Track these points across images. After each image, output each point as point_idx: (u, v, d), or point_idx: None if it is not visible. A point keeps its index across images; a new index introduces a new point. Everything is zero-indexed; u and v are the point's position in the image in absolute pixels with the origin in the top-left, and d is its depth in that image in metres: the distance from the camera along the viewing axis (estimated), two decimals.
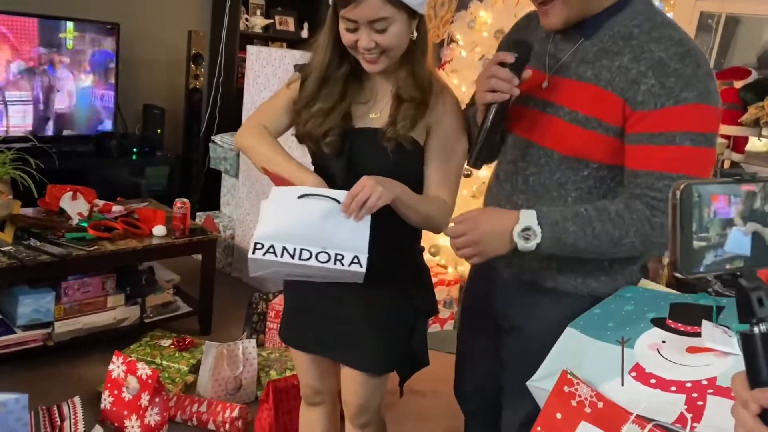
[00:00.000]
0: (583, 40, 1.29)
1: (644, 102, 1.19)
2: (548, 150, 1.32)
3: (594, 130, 1.25)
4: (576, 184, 1.31)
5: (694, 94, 1.17)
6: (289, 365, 2.70)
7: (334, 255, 1.31)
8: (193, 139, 4.50)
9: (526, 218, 1.23)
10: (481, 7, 3.32)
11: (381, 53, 1.36)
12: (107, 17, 3.93)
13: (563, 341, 1.22)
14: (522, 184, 1.38)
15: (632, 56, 1.22)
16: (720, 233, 0.68)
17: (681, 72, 1.17)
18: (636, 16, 1.25)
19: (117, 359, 2.32)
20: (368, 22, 1.32)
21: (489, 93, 1.28)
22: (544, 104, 1.32)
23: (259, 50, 3.57)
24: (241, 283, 3.73)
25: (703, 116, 1.19)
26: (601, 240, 1.23)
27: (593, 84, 1.25)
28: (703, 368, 1.08)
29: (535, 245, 1.23)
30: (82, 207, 2.81)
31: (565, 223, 1.23)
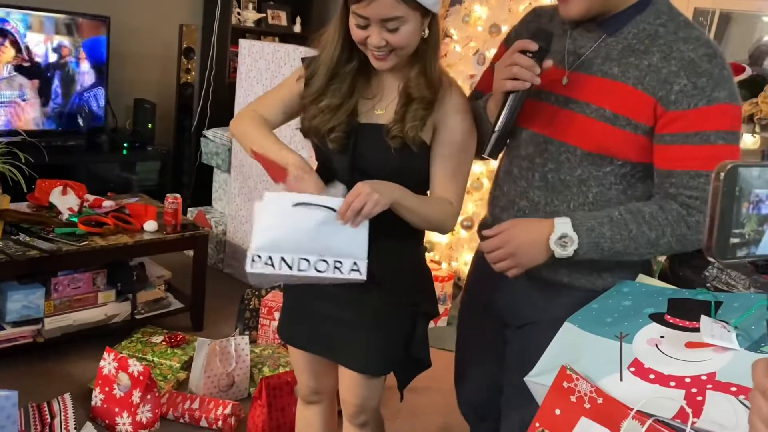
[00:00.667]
0: (606, 36, 1.29)
1: (678, 102, 1.21)
2: (570, 146, 1.32)
3: (623, 128, 1.25)
4: (598, 180, 1.31)
5: (724, 94, 1.20)
6: (282, 362, 2.68)
7: (332, 263, 1.30)
8: (185, 133, 4.47)
9: (562, 226, 1.25)
10: (475, 1, 3.30)
11: (390, 51, 1.34)
12: (98, 10, 3.88)
13: (561, 336, 1.21)
14: (539, 180, 1.36)
15: (662, 55, 1.22)
16: (756, 229, 0.66)
17: (711, 72, 1.19)
18: (660, 15, 1.26)
19: (108, 356, 2.30)
20: (380, 20, 1.29)
21: (510, 81, 1.26)
22: (566, 100, 1.31)
23: (251, 44, 3.54)
24: (233, 279, 3.70)
25: (732, 115, 1.22)
26: (638, 242, 1.25)
27: (621, 82, 1.25)
28: (702, 363, 1.08)
29: (573, 251, 1.25)
30: (72, 202, 2.78)
31: (601, 228, 1.25)
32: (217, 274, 3.71)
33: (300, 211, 1.28)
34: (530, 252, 1.28)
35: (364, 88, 1.44)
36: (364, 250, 1.29)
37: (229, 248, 3.80)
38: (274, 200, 1.29)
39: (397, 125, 1.38)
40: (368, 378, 1.55)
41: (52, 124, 3.76)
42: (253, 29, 4.74)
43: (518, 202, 1.40)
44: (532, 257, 1.28)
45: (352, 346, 1.53)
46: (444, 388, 2.63)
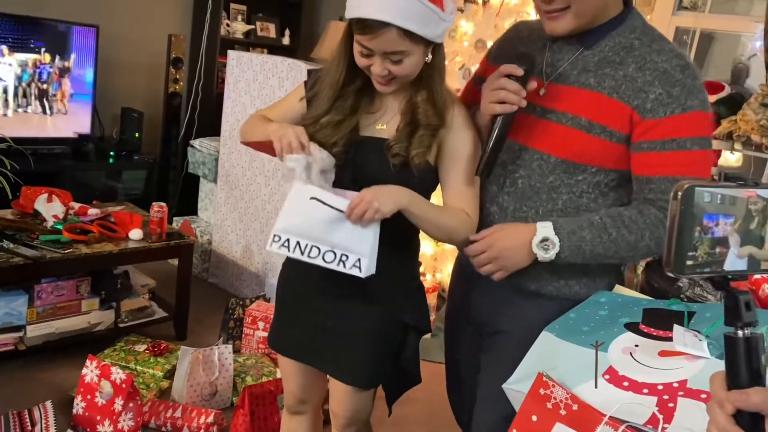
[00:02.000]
0: (583, 49, 1.34)
1: (654, 110, 1.25)
2: (544, 154, 1.36)
3: (598, 135, 1.30)
4: (569, 187, 1.35)
5: (697, 102, 1.26)
6: (265, 371, 2.68)
7: (339, 255, 1.36)
8: (172, 143, 4.47)
9: (543, 230, 1.30)
10: (462, 17, 3.35)
11: (392, 79, 1.36)
12: (87, 19, 3.90)
13: (539, 345, 1.24)
14: (509, 186, 1.40)
15: (636, 66, 1.28)
16: (709, 252, 0.69)
17: (684, 82, 1.25)
18: (634, 29, 1.33)
19: (90, 363, 2.29)
20: (384, 53, 1.31)
21: (498, 105, 1.31)
22: (543, 111, 1.35)
23: (240, 55, 3.56)
24: (218, 289, 3.70)
25: (705, 122, 1.28)
26: (618, 245, 1.29)
27: (597, 91, 1.30)
28: (674, 371, 1.11)
29: (555, 254, 1.29)
30: (57, 209, 2.77)
31: (581, 231, 1.29)
32: (201, 284, 3.70)
33: (317, 202, 1.35)
34: (513, 255, 1.32)
35: (367, 103, 1.46)
36: (367, 248, 1.34)
37: (214, 258, 3.80)
38: (301, 190, 1.37)
39: (399, 144, 1.40)
40: (358, 391, 1.56)
41: (38, 131, 3.74)
42: (242, 41, 4.77)
43: (488, 207, 1.44)
44: (515, 260, 1.32)
45: (343, 358, 1.54)
46: (429, 399, 2.64)
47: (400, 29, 1.27)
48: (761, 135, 2.86)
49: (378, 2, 1.26)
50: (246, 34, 4.78)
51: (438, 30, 1.33)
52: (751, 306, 0.70)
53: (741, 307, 0.69)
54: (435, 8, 1.29)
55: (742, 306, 0.69)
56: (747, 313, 0.69)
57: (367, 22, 1.27)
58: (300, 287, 1.59)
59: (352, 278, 1.37)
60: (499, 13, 3.13)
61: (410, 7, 1.26)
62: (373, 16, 1.26)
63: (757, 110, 2.85)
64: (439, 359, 3.06)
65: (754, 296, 1.69)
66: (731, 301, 0.70)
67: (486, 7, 3.18)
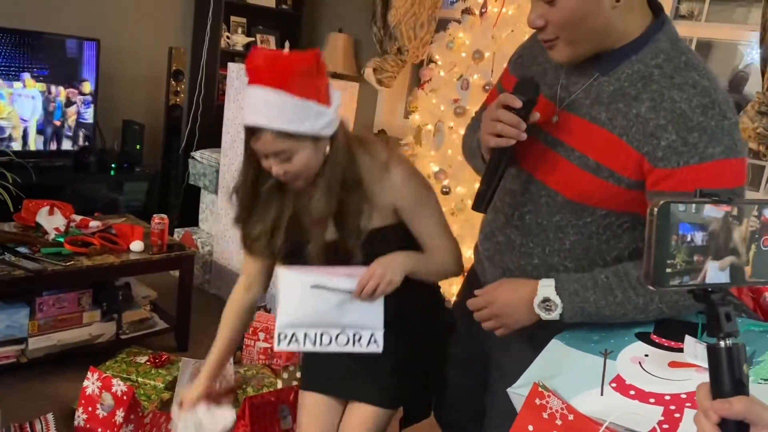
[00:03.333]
0: (599, 75, 1.19)
1: (665, 159, 1.10)
2: (552, 190, 1.25)
3: (606, 179, 1.17)
4: (576, 228, 1.24)
5: (720, 150, 1.07)
6: (265, 382, 2.69)
7: (352, 335, 1.38)
8: (173, 155, 4.49)
9: (545, 289, 1.20)
10: (459, 28, 3.37)
11: (293, 178, 1.37)
12: (88, 33, 3.92)
13: (548, 352, 1.24)
14: (518, 219, 1.31)
15: (651, 105, 1.12)
16: (687, 260, 0.70)
17: (705, 126, 1.07)
18: (658, 54, 1.14)
19: (92, 375, 2.30)
20: (272, 153, 1.33)
21: (494, 138, 1.20)
22: (554, 142, 1.23)
23: (240, 67, 3.58)
24: (219, 300, 3.69)
25: (731, 172, 1.09)
26: (625, 308, 1.18)
27: (607, 130, 1.16)
28: (683, 382, 1.09)
29: (558, 315, 1.20)
30: (58, 222, 2.79)
31: (585, 292, 1.19)
32: (202, 295, 3.71)
33: (318, 290, 1.36)
34: (514, 314, 1.24)
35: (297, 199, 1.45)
36: (380, 321, 1.38)
37: (215, 269, 3.81)
38: (295, 277, 1.38)
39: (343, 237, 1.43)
40: (381, 412, 1.58)
41: (39, 144, 3.77)
42: (243, 53, 4.79)
43: (497, 235, 1.36)
44: (517, 318, 1.24)
45: (372, 380, 1.57)
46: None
47: (273, 131, 1.29)
48: (758, 142, 2.87)
49: (252, 108, 1.30)
50: (246, 46, 4.80)
51: (318, 124, 1.31)
52: (731, 317, 0.71)
53: (721, 318, 0.71)
54: (311, 104, 1.29)
55: (722, 317, 0.71)
56: (727, 323, 0.71)
57: (247, 128, 1.32)
58: None
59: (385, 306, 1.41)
60: (496, 24, 3.15)
61: (282, 108, 1.27)
62: (249, 122, 1.31)
63: (754, 118, 2.86)
64: None
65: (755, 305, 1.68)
66: (712, 313, 0.72)
67: (483, 18, 3.20)
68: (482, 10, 3.25)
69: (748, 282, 0.74)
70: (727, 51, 3.69)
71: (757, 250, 0.73)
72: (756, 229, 0.73)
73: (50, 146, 3.81)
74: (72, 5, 4.04)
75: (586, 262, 1.25)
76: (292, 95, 1.27)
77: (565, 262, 1.26)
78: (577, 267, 1.25)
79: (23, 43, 3.58)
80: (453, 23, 3.45)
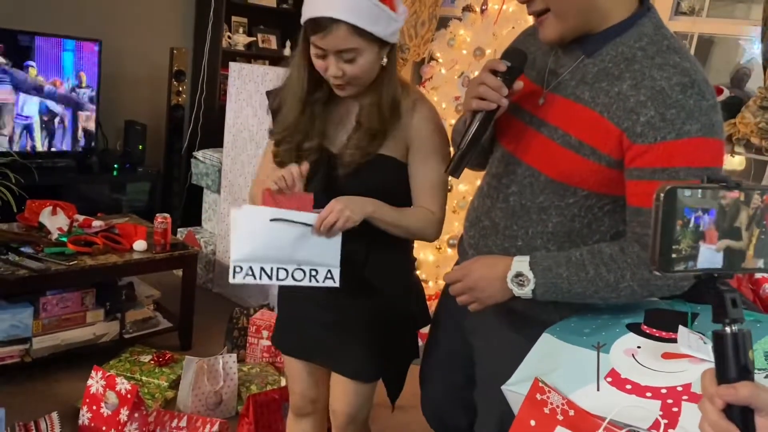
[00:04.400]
0: (584, 57, 1.22)
1: (644, 134, 1.12)
2: (535, 171, 1.26)
3: (587, 157, 1.18)
4: (559, 210, 1.26)
5: (696, 128, 1.09)
6: (269, 380, 2.69)
7: (308, 271, 1.37)
8: (175, 155, 4.50)
9: (518, 264, 1.22)
10: (460, 26, 3.38)
11: (349, 82, 1.38)
12: (90, 34, 3.93)
13: (539, 346, 1.24)
14: (502, 202, 1.32)
15: (632, 83, 1.14)
16: (691, 245, 0.71)
17: (683, 103, 1.09)
18: (641, 37, 1.17)
19: (96, 374, 2.31)
20: (336, 52, 1.33)
21: (475, 100, 1.22)
22: (539, 123, 1.26)
23: (242, 67, 3.59)
24: (222, 298, 3.71)
25: (707, 150, 1.11)
26: (597, 285, 1.19)
27: (589, 108, 1.18)
28: (678, 374, 1.10)
29: (531, 291, 1.22)
30: (61, 222, 2.80)
31: (558, 268, 1.20)
32: (206, 294, 3.72)
33: (277, 224, 1.33)
34: (488, 288, 1.26)
35: (332, 114, 1.49)
36: (337, 259, 1.37)
37: (218, 268, 3.81)
38: (252, 213, 1.35)
39: (348, 152, 1.44)
40: (359, 385, 1.59)
41: (42, 145, 3.78)
42: (244, 53, 4.80)
43: (483, 220, 1.37)
44: (490, 293, 1.26)
45: (345, 352, 1.58)
46: None
47: (349, 26, 1.29)
48: (761, 137, 2.87)
49: (327, 1, 1.29)
50: (247, 46, 4.81)
51: (389, 29, 1.35)
52: (737, 303, 0.71)
53: (727, 304, 0.71)
54: (384, 7, 1.32)
55: (728, 303, 0.71)
56: (733, 309, 0.71)
57: (317, 20, 1.30)
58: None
59: (349, 276, 1.42)
60: (497, 21, 3.15)
61: (359, 4, 1.29)
62: (323, 13, 1.29)
63: (756, 113, 2.86)
64: None
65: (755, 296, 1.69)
66: (718, 299, 0.72)
67: (484, 15, 3.20)
68: (483, 7, 3.25)
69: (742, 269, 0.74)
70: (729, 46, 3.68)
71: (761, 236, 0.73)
72: (761, 214, 0.73)
73: (53, 147, 3.82)
74: (73, 6, 4.05)
75: (568, 245, 1.26)
76: None
77: (548, 245, 1.27)
78: (559, 250, 1.26)
79: (25, 44, 3.58)
80: (454, 20, 3.46)
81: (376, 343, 1.57)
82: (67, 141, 3.88)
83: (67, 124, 3.85)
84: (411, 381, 1.68)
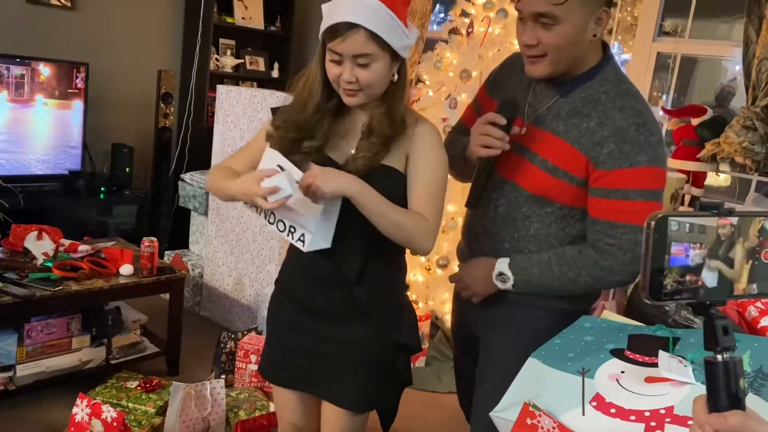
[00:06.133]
0: (559, 97, 1.48)
1: (605, 162, 1.40)
2: (519, 187, 1.53)
3: (560, 179, 1.46)
4: (539, 217, 1.53)
5: (645, 159, 1.38)
6: (258, 405, 2.66)
7: (288, 226, 1.44)
8: (162, 177, 4.49)
9: (500, 265, 1.53)
10: (447, 48, 3.41)
11: (360, 89, 1.42)
12: (77, 57, 3.94)
13: (525, 371, 1.24)
14: (493, 211, 1.58)
15: (598, 121, 1.42)
16: (678, 279, 0.71)
17: (636, 140, 1.38)
18: (605, 83, 1.45)
19: (81, 402, 2.27)
20: (352, 56, 1.38)
21: (483, 149, 1.48)
22: (521, 149, 1.51)
23: (229, 89, 3.60)
24: (210, 322, 3.68)
25: (652, 177, 1.40)
26: (561, 280, 1.48)
27: (563, 139, 1.45)
28: (660, 397, 1.11)
29: (511, 286, 1.52)
30: (47, 247, 2.77)
31: (531, 268, 1.50)
32: (193, 317, 3.69)
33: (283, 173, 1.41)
34: (480, 284, 1.57)
35: (338, 125, 1.52)
36: (312, 225, 1.40)
37: (205, 291, 3.79)
38: (271, 155, 1.44)
39: (353, 161, 1.46)
40: (351, 415, 1.57)
41: (28, 168, 3.76)
42: (232, 74, 4.82)
43: (476, 228, 1.64)
44: (483, 287, 1.57)
45: (338, 382, 1.56)
46: (425, 428, 2.62)
47: (367, 31, 1.36)
48: (744, 156, 2.90)
49: (348, 7, 1.37)
50: (235, 68, 4.83)
51: (401, 43, 1.42)
52: (729, 331, 0.71)
53: (719, 332, 0.71)
54: (399, 22, 1.40)
55: (719, 331, 0.71)
56: (725, 337, 0.71)
57: (337, 26, 1.37)
58: (288, 311, 1.61)
59: (340, 298, 1.48)
60: (482, 44, 3.18)
61: (377, 14, 1.36)
62: (343, 19, 1.36)
63: (739, 132, 2.90)
64: (434, 388, 3.06)
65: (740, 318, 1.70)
66: (709, 327, 0.72)
67: (470, 37, 3.23)
68: (469, 30, 3.28)
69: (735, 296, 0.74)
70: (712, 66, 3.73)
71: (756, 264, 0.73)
72: (755, 244, 0.73)
73: (39, 170, 3.79)
74: (61, 29, 4.05)
75: (546, 246, 1.53)
76: (388, 9, 1.38)
77: (530, 246, 1.54)
78: (539, 251, 1.53)
79: (12, 68, 3.58)
80: (440, 43, 3.49)
81: (369, 373, 1.55)
82: (54, 164, 3.85)
83: (54, 148, 3.83)
84: (403, 406, 1.67)
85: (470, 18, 3.38)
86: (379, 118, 1.46)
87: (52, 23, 4.01)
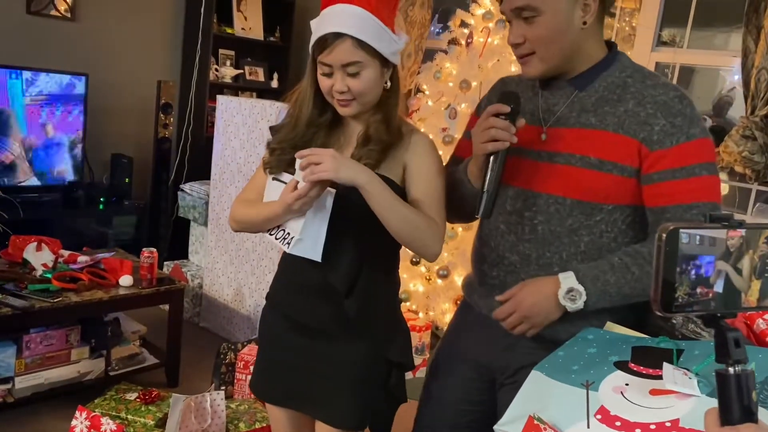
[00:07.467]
0: (578, 92, 1.37)
1: (660, 141, 1.28)
2: (559, 197, 1.36)
3: (610, 172, 1.32)
4: (589, 228, 1.35)
5: (698, 130, 1.29)
6: (258, 417, 2.65)
7: (278, 228, 1.45)
8: (162, 187, 4.49)
9: (567, 281, 1.30)
10: (446, 58, 3.41)
11: (353, 98, 1.42)
12: (77, 68, 3.94)
13: (529, 384, 1.23)
14: (529, 233, 1.39)
15: (636, 101, 1.31)
16: (689, 292, 0.70)
17: (684, 112, 1.29)
18: (624, 69, 1.36)
19: (80, 414, 2.26)
20: (342, 66, 1.39)
21: (490, 143, 1.32)
22: (549, 155, 1.37)
23: (229, 100, 3.60)
24: (209, 333, 3.67)
25: (709, 148, 1.31)
26: (643, 282, 1.29)
27: (600, 129, 1.33)
28: (665, 410, 1.10)
29: (583, 303, 1.30)
30: (46, 258, 2.76)
31: (605, 276, 1.30)
32: (193, 328, 3.67)
33: (274, 182, 1.47)
34: (542, 311, 1.32)
35: (332, 138, 1.52)
36: (297, 228, 1.40)
37: (205, 302, 3.78)
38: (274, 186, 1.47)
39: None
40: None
41: (27, 179, 3.75)
42: (231, 85, 4.82)
43: (508, 256, 1.42)
44: (545, 315, 1.33)
45: (331, 400, 1.54)
46: None
47: (354, 39, 1.37)
48: (744, 166, 2.91)
49: (334, 19, 1.39)
50: (235, 78, 4.83)
51: (390, 48, 1.42)
52: (740, 343, 0.71)
53: (730, 345, 0.70)
54: (386, 28, 1.41)
55: (731, 343, 0.70)
56: (736, 350, 0.70)
57: (324, 38, 1.39)
58: (280, 328, 1.59)
59: (329, 311, 1.46)
60: (482, 54, 3.19)
61: (363, 21, 1.38)
62: (330, 30, 1.38)
63: (739, 142, 2.90)
64: None
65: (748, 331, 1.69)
66: (720, 339, 0.71)
67: (469, 48, 3.24)
68: (468, 40, 3.29)
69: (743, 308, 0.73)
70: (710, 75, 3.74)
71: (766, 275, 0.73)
72: (765, 254, 0.73)
73: (38, 181, 3.79)
74: (60, 40, 4.06)
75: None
76: (374, 16, 1.39)
77: (581, 265, 1.35)
78: None
79: (11, 79, 3.58)
80: (440, 53, 3.50)
81: (360, 392, 1.53)
82: (53, 175, 3.85)
83: (52, 158, 3.83)
84: (398, 422, 1.65)
85: (470, 28, 3.39)
86: (376, 125, 1.46)
87: (52, 34, 4.02)
